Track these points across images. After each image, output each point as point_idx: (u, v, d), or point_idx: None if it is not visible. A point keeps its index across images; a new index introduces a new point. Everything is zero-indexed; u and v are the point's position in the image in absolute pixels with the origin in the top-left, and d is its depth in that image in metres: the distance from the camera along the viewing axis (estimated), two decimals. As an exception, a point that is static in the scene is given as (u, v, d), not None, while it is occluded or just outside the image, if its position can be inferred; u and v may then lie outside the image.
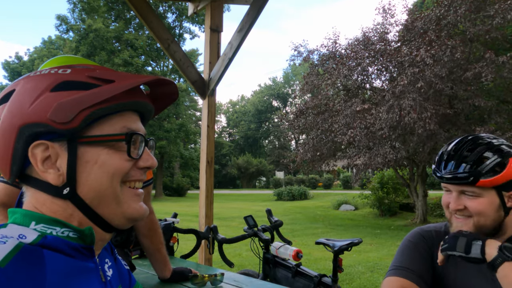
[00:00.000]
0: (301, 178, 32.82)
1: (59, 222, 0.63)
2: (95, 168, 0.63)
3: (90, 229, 0.64)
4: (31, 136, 0.62)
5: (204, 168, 3.63)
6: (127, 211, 0.66)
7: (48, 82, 0.63)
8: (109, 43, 26.69)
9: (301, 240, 8.89)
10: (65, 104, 0.61)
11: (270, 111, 54.26)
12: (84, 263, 0.64)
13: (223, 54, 3.59)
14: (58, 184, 0.63)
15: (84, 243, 0.64)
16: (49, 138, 0.62)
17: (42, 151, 0.62)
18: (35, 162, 0.62)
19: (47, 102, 0.61)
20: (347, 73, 10.73)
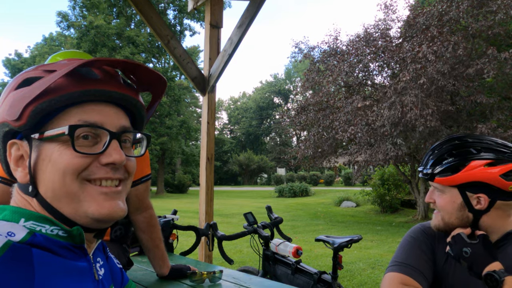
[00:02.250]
0: (303, 175, 32.82)
1: (48, 219, 0.61)
2: (49, 166, 0.61)
3: (78, 229, 0.62)
4: (6, 136, 0.63)
5: (204, 164, 3.62)
6: (88, 210, 0.61)
7: (16, 81, 0.63)
8: (110, 40, 26.65)
9: (302, 236, 8.89)
10: (14, 101, 0.61)
11: (272, 108, 54.24)
12: (75, 263, 0.62)
13: (223, 50, 3.57)
14: (24, 182, 0.63)
15: (74, 242, 0.63)
16: (19, 137, 0.63)
17: (16, 150, 0.63)
18: (9, 160, 0.64)
19: (8, 101, 0.62)
20: (348, 69, 10.69)
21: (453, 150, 1.20)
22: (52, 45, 34.32)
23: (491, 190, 1.16)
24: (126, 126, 0.66)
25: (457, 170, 1.18)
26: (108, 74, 0.65)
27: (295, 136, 41.02)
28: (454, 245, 1.17)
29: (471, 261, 1.12)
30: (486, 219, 1.19)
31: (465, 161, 1.17)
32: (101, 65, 0.64)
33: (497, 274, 1.05)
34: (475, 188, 1.17)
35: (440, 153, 1.23)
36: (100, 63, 0.63)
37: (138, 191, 1.65)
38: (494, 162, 1.15)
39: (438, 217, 1.26)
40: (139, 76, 0.69)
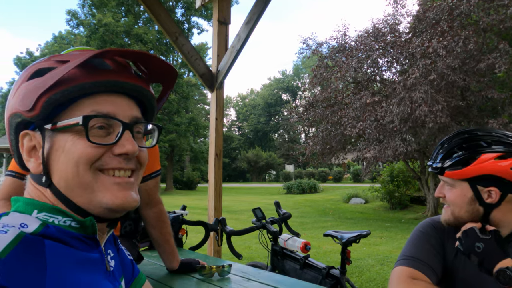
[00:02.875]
0: (311, 172, 32.74)
1: (61, 211, 0.62)
2: (62, 156, 0.61)
3: (91, 220, 0.63)
4: (18, 127, 0.63)
5: (212, 161, 3.64)
6: (102, 200, 0.62)
7: (28, 72, 0.64)
8: (119, 38, 26.80)
9: (310, 233, 8.89)
10: (27, 92, 0.61)
11: (280, 104, 54.14)
12: (87, 254, 0.63)
13: (231, 47, 3.57)
14: (37, 172, 0.64)
15: (86, 233, 0.64)
16: (32, 127, 0.64)
17: (28, 141, 0.64)
18: (22, 151, 0.64)
19: (20, 91, 0.63)
20: (356, 65, 10.61)
21: (463, 143, 1.19)
22: (62, 43, 34.59)
23: (502, 184, 1.14)
24: (138, 117, 0.67)
25: (467, 163, 1.17)
26: (120, 65, 0.66)
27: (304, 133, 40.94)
28: (465, 240, 1.17)
29: (483, 256, 1.11)
30: (497, 213, 1.18)
31: (476, 154, 1.16)
32: (113, 56, 0.65)
33: (510, 270, 1.05)
34: (486, 182, 1.16)
35: (450, 147, 1.22)
36: (112, 54, 0.63)
37: (148, 186, 1.67)
38: (505, 155, 1.14)
39: (448, 212, 1.26)
40: (151, 67, 0.69)
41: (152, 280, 1.65)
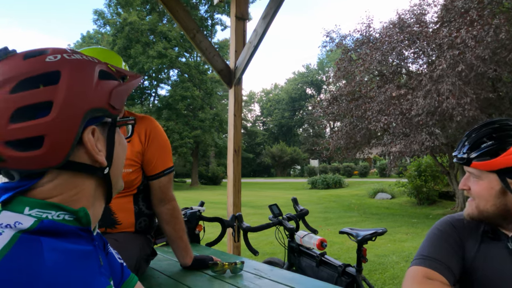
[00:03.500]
0: (336, 166, 32.39)
1: (54, 205, 0.62)
2: (119, 148, 0.73)
3: (84, 210, 0.65)
4: (89, 121, 0.64)
5: (231, 157, 3.65)
6: (122, 185, 0.78)
7: (93, 69, 0.66)
8: (144, 36, 27.27)
9: (334, 228, 8.80)
10: (119, 92, 0.69)
11: (304, 99, 53.74)
12: (83, 247, 0.64)
13: (248, 42, 3.56)
14: (103, 165, 0.68)
15: (81, 225, 0.65)
16: (95, 122, 0.66)
17: (92, 135, 0.66)
18: (91, 145, 0.65)
19: (103, 88, 0.66)
20: (380, 58, 10.36)
21: (493, 133, 1.13)
22: (90, 42, 35.51)
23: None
24: None
25: (496, 154, 1.10)
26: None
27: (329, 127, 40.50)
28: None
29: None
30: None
31: (506, 145, 1.09)
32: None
33: None
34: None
35: (478, 137, 1.16)
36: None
37: (161, 183, 1.69)
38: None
39: (472, 205, 1.20)
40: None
41: (164, 276, 1.68)
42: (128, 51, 27.24)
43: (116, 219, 1.57)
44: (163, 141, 1.72)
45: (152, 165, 1.66)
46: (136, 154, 1.63)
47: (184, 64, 28.78)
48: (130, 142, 1.64)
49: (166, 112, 28.46)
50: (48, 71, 0.61)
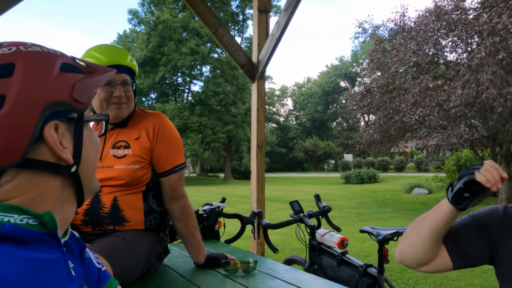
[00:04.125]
0: (371, 161, 31.64)
1: (16, 208, 0.59)
2: (89, 146, 0.69)
3: (49, 214, 0.61)
4: (49, 116, 0.60)
5: (254, 152, 3.61)
6: (97, 186, 0.75)
7: (53, 61, 0.63)
8: (177, 33, 27.69)
9: (367, 224, 8.58)
10: (84, 85, 0.65)
11: (338, 92, 52.79)
12: (47, 255, 0.59)
13: (270, 35, 3.49)
14: (69, 163, 0.64)
15: (46, 230, 0.60)
16: (58, 117, 0.62)
17: (56, 131, 0.62)
18: (53, 142, 0.61)
19: (65, 82, 0.62)
20: (415, 48, 9.93)
21: None
22: (126, 41, 36.55)
23: None
24: None
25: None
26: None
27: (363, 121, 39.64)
28: None
29: None
30: None
31: None
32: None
33: None
34: None
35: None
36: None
37: (171, 180, 1.67)
38: None
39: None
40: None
41: (176, 274, 1.66)
42: (162, 49, 27.79)
43: (124, 216, 1.56)
44: (173, 138, 1.69)
45: (161, 162, 1.64)
46: (144, 150, 1.61)
47: (216, 60, 29.01)
48: (139, 139, 1.63)
49: (199, 108, 28.86)
50: (2, 63, 0.58)
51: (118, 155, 1.60)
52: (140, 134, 1.64)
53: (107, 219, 1.55)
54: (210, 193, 17.17)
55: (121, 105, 1.60)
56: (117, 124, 1.66)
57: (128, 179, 1.57)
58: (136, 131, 1.65)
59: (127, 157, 1.60)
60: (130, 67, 1.65)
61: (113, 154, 1.61)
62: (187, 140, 26.41)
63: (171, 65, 27.86)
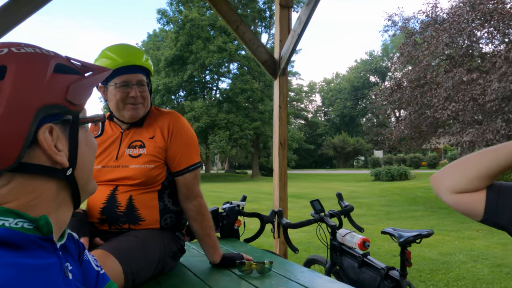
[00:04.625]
0: (402, 157, 30.82)
1: (11, 212, 0.58)
2: (85, 148, 0.68)
3: (45, 218, 0.60)
4: (43, 119, 0.59)
5: (277, 149, 3.56)
6: (94, 188, 0.73)
7: (46, 63, 0.62)
8: (204, 31, 27.92)
9: (396, 223, 8.36)
10: (78, 86, 0.64)
11: (367, 87, 51.71)
12: (42, 261, 0.58)
13: (292, 31, 3.43)
14: (65, 166, 0.63)
15: (41, 234, 0.60)
16: (53, 120, 0.61)
17: (50, 134, 0.61)
18: (47, 145, 0.60)
19: (58, 83, 0.61)
20: (448, 40, 9.54)
21: None
22: (156, 41, 37.25)
23: None
24: None
25: None
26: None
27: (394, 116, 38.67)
28: None
29: None
30: None
31: None
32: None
33: None
34: None
35: None
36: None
37: (186, 179, 1.66)
38: None
39: None
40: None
41: (191, 273, 1.65)
42: (190, 47, 28.11)
43: (140, 215, 1.57)
44: (188, 137, 1.68)
45: (176, 161, 1.64)
46: (158, 150, 1.61)
47: (243, 57, 29.06)
48: (153, 138, 1.63)
49: (226, 105, 29.03)
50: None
51: (133, 155, 1.61)
52: (155, 133, 1.64)
53: (123, 218, 1.56)
54: (237, 190, 17.26)
55: (137, 105, 1.61)
56: (133, 123, 1.67)
57: (143, 178, 1.58)
58: (151, 131, 1.65)
59: (142, 156, 1.60)
60: (145, 67, 1.64)
61: (128, 153, 1.62)
62: (214, 137, 26.64)
63: (199, 63, 28.15)
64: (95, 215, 1.58)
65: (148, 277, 1.48)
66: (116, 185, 1.58)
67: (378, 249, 5.61)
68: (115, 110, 1.63)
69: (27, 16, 2.81)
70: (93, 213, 1.59)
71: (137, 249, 1.42)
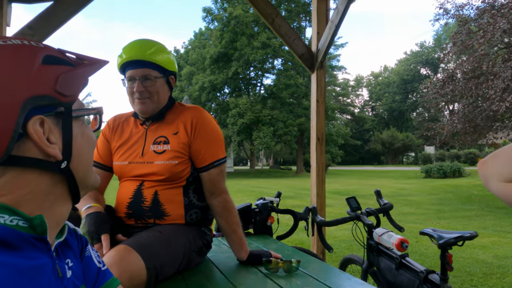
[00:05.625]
0: (456, 153, 29.16)
1: (6, 208, 0.57)
2: (82, 141, 0.67)
3: (40, 218, 0.59)
4: (32, 110, 0.58)
5: (314, 145, 3.47)
6: (95, 181, 0.72)
7: (34, 54, 0.61)
8: (249, 28, 28.03)
9: (447, 222, 7.91)
10: (69, 77, 0.62)
11: (418, 80, 49.40)
12: (34, 262, 0.57)
13: (329, 22, 3.31)
14: (58, 159, 0.61)
15: (35, 234, 0.59)
16: (44, 112, 0.60)
17: (41, 126, 0.60)
18: (38, 137, 0.59)
19: (47, 74, 0.60)
20: (507, 27, 8.82)
21: None
22: (201, 39, 37.95)
23: None
24: None
25: None
26: None
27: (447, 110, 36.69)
28: None
29: None
30: None
31: None
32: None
33: None
34: None
35: None
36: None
37: (211, 175, 1.64)
38: None
39: None
40: None
41: (216, 269, 1.63)
42: (234, 44, 28.36)
43: (165, 210, 1.57)
44: (212, 132, 1.65)
45: (200, 157, 1.62)
46: (182, 145, 1.60)
47: (287, 53, 28.84)
48: (177, 133, 1.63)
49: (270, 101, 28.99)
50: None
51: (158, 151, 1.62)
52: (178, 129, 1.64)
53: (148, 213, 1.57)
54: (280, 186, 17.20)
55: (144, 100, 1.60)
56: (154, 119, 1.67)
57: (168, 174, 1.58)
58: (175, 126, 1.65)
59: (166, 152, 1.60)
60: (152, 61, 1.58)
61: (153, 150, 1.62)
62: (259, 133, 26.70)
63: (243, 59, 28.32)
64: (122, 210, 1.61)
65: (172, 272, 1.47)
66: (142, 181, 1.60)
67: (425, 250, 5.33)
68: (131, 104, 1.65)
69: (70, 17, 2.93)
70: (120, 208, 1.62)
71: (160, 244, 1.42)
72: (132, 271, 1.26)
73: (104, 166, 1.73)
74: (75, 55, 0.68)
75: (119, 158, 1.67)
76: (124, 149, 1.67)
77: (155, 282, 1.37)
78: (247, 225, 2.47)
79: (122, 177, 1.68)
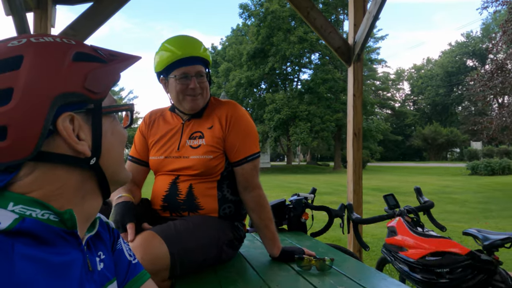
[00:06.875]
0: (505, 149, 27.50)
1: (38, 203, 0.58)
2: (112, 137, 0.67)
3: (70, 212, 0.60)
4: (62, 107, 0.59)
5: (351, 141, 3.38)
6: (126, 177, 0.72)
7: (65, 51, 0.62)
8: (285, 22, 27.85)
9: (495, 222, 7.48)
10: (98, 74, 0.63)
11: (463, 73, 47.04)
12: (63, 258, 0.58)
13: (367, 13, 3.20)
14: (87, 155, 0.62)
15: (66, 228, 0.60)
16: (73, 109, 0.61)
17: (71, 123, 0.60)
18: (67, 134, 0.59)
19: (77, 71, 0.61)
20: None
21: None
22: (238, 35, 38.14)
23: None
24: None
25: None
26: None
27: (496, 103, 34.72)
28: None
29: None
30: None
31: None
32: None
33: None
34: None
35: None
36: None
37: (244, 170, 1.63)
38: None
39: None
40: None
41: (248, 265, 1.63)
42: (271, 40, 28.27)
43: (199, 204, 1.59)
44: (246, 126, 1.65)
45: (234, 151, 1.62)
46: (217, 140, 1.61)
47: (324, 47, 28.37)
48: (212, 128, 1.64)
49: (307, 96, 28.69)
50: (10, 56, 0.57)
51: (193, 146, 1.63)
52: (213, 123, 1.65)
53: (183, 206, 1.59)
54: (318, 182, 17.02)
55: (196, 97, 1.62)
56: (193, 114, 1.69)
57: (202, 169, 1.59)
58: (210, 121, 1.66)
59: (201, 147, 1.62)
60: (204, 58, 1.64)
61: (189, 144, 1.64)
62: (295, 129, 26.52)
63: (280, 55, 28.18)
64: (157, 203, 1.64)
65: (200, 261, 1.47)
66: (177, 175, 1.62)
67: (470, 251, 5.06)
68: (176, 101, 1.66)
69: (110, 16, 3.02)
70: (156, 201, 1.66)
71: (186, 231, 1.44)
72: (154, 254, 1.29)
73: (142, 161, 1.77)
74: (107, 51, 0.68)
75: (155, 153, 1.71)
76: (160, 144, 1.71)
77: (181, 269, 1.38)
78: (281, 221, 2.45)
79: (158, 172, 1.71)
